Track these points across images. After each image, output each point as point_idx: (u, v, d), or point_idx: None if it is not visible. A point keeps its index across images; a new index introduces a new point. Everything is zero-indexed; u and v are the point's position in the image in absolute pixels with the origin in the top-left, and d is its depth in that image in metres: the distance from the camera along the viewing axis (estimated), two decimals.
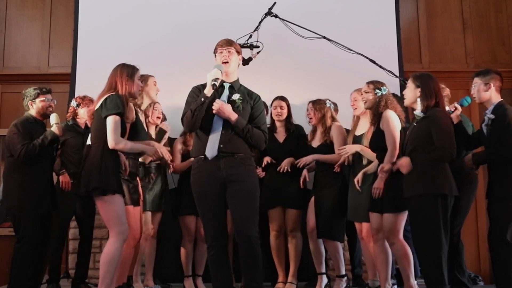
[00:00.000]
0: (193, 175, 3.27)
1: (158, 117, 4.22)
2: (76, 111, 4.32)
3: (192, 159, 3.89)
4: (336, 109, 4.52)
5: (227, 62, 3.25)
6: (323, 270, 4.14)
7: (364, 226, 3.84)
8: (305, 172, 4.12)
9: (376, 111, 3.63)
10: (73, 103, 4.36)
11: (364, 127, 3.93)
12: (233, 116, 3.16)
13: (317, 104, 4.12)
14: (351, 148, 3.85)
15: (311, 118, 4.17)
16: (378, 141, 3.56)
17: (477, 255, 5.35)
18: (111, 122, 3.11)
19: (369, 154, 3.74)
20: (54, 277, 4.23)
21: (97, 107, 3.21)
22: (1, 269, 4.39)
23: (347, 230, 4.21)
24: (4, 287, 3.94)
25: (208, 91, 3.14)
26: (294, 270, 4.21)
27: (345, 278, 4.08)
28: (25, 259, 3.74)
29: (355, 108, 4.03)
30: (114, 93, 3.19)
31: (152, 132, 4.21)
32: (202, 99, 3.13)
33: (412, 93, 3.34)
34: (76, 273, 4.33)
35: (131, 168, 3.60)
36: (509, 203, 3.40)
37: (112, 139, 3.11)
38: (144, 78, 3.64)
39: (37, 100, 3.90)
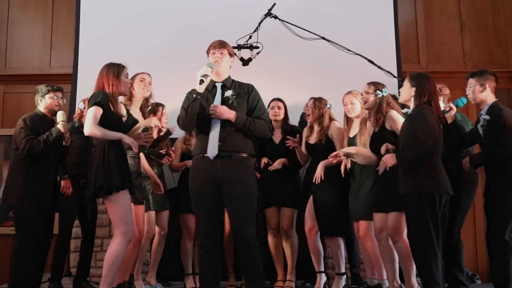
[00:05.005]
0: (191, 173, 3.30)
1: (166, 122, 4.28)
2: (83, 113, 4.30)
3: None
4: None
5: (217, 63, 3.30)
6: (322, 269, 4.16)
7: (361, 224, 3.85)
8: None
9: (379, 113, 3.61)
10: (81, 105, 4.38)
11: (356, 129, 3.96)
12: (232, 115, 3.19)
13: (318, 102, 4.12)
14: (347, 152, 3.73)
15: (308, 115, 4.16)
16: (383, 142, 3.51)
17: (475, 253, 5.38)
18: (89, 112, 3.20)
19: (363, 152, 3.70)
20: (56, 276, 4.24)
21: None
22: (2, 267, 4.41)
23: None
24: (5, 286, 3.96)
25: (199, 88, 3.18)
26: (291, 267, 4.24)
27: (345, 276, 4.11)
28: (25, 257, 3.76)
29: (349, 111, 3.99)
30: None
31: (155, 135, 4.24)
32: (194, 95, 3.16)
33: (407, 92, 3.38)
34: (78, 272, 4.36)
35: (136, 166, 3.65)
36: (506, 201, 3.43)
37: (87, 127, 3.18)
38: (131, 77, 3.66)
39: (47, 96, 4.02)
